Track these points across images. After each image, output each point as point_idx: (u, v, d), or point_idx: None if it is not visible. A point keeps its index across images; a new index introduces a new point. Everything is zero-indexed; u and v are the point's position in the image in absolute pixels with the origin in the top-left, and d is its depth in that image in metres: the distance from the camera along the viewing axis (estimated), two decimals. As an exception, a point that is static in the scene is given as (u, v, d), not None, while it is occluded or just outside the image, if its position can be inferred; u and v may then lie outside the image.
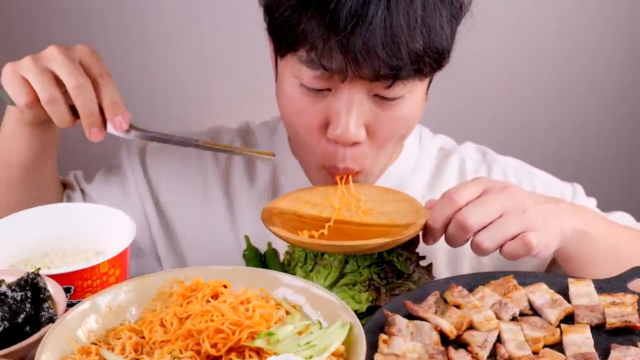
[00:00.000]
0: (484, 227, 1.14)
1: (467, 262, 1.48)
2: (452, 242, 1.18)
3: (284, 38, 1.24)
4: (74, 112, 1.23)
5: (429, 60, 1.20)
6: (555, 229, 1.19)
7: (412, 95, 1.26)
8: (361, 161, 1.29)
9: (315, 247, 1.18)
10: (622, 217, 1.50)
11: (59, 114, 1.22)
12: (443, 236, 1.20)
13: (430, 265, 1.26)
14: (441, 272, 1.46)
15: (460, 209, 1.15)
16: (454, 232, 1.16)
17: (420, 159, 1.53)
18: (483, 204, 1.15)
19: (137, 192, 1.51)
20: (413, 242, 1.24)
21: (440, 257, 1.47)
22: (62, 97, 1.21)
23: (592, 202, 1.54)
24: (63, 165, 1.47)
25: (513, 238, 1.14)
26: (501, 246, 1.15)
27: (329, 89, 1.24)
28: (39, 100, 1.21)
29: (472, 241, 1.16)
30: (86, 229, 1.26)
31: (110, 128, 1.24)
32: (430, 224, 1.18)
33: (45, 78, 1.20)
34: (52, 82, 1.20)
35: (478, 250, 1.15)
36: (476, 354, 0.98)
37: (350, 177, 1.30)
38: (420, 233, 1.20)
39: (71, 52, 1.24)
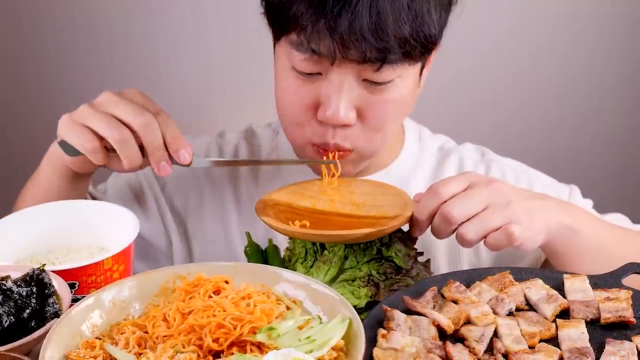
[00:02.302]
0: (467, 219, 1.16)
1: (465, 258, 1.50)
2: (437, 233, 1.20)
3: (277, 22, 1.27)
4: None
5: (417, 45, 1.22)
6: (540, 223, 1.21)
7: (402, 79, 1.27)
8: (353, 141, 1.31)
9: (303, 236, 1.20)
10: (617, 219, 1.51)
11: (130, 154, 1.23)
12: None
13: (428, 261, 1.27)
14: (441, 268, 1.48)
15: (445, 201, 1.17)
16: (439, 223, 1.18)
17: (420, 157, 1.54)
18: (467, 197, 1.17)
19: (153, 199, 1.54)
20: (412, 238, 1.25)
21: (440, 254, 1.48)
22: (132, 136, 1.22)
23: (588, 204, 1.55)
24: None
25: (496, 230, 1.16)
26: (485, 237, 1.17)
27: (320, 73, 1.26)
28: (103, 146, 1.23)
29: (456, 233, 1.18)
30: (90, 225, 1.28)
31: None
32: (416, 216, 1.20)
33: (110, 121, 1.22)
34: (119, 123, 1.22)
35: (462, 241, 1.17)
36: (473, 348, 0.99)
37: (336, 154, 1.32)
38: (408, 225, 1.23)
39: (125, 95, 1.26)
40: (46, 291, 1.04)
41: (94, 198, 1.52)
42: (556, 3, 2.53)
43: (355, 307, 1.10)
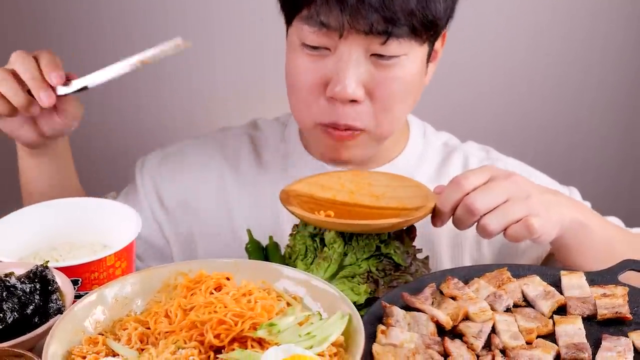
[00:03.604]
0: (489, 211, 1.18)
1: (467, 252, 1.51)
2: (459, 224, 1.22)
3: (290, 2, 1.31)
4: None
5: (423, 21, 1.26)
6: (556, 217, 1.23)
7: (408, 58, 1.30)
8: (363, 120, 1.33)
9: (331, 225, 1.20)
10: (613, 221, 1.53)
11: (9, 89, 1.27)
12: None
13: (427, 257, 1.28)
14: (443, 262, 1.49)
15: (468, 193, 1.19)
16: (461, 215, 1.20)
17: (425, 153, 1.56)
18: (489, 190, 1.19)
19: (147, 204, 1.57)
20: (411, 234, 1.27)
21: (443, 247, 1.50)
22: (10, 74, 1.27)
23: (587, 205, 1.57)
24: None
25: (517, 222, 1.18)
26: (505, 229, 1.19)
27: (328, 49, 1.29)
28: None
29: (478, 224, 1.20)
30: (93, 222, 1.28)
31: (59, 90, 1.30)
32: (439, 207, 1.22)
33: None
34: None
35: (484, 232, 1.19)
36: (471, 344, 1.00)
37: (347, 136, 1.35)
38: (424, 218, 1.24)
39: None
40: (49, 288, 1.05)
41: None
42: (552, 1, 2.53)
43: (354, 303, 1.11)
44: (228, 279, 1.06)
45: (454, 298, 1.10)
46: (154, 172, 1.58)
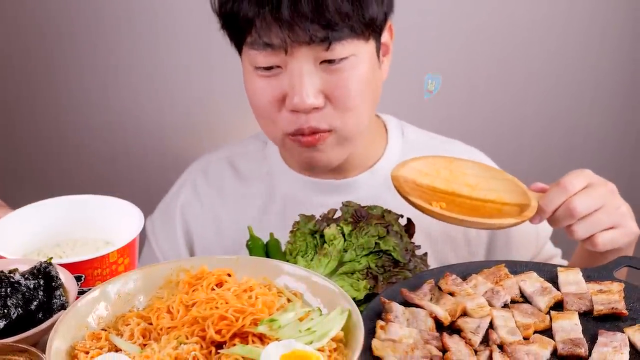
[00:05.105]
0: (582, 217, 1.23)
1: (451, 251, 1.52)
2: (555, 223, 1.27)
3: (233, 30, 1.36)
4: None
5: (360, 21, 1.30)
6: (635, 229, 1.28)
7: (357, 57, 1.33)
8: (328, 121, 1.36)
9: (451, 219, 1.23)
10: None
11: None
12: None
13: (425, 254, 1.28)
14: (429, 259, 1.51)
15: (571, 197, 1.24)
16: (563, 217, 1.25)
17: (405, 152, 1.55)
18: (590, 196, 1.24)
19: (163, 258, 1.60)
20: (410, 230, 1.28)
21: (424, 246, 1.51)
22: None
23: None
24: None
25: (603, 231, 1.24)
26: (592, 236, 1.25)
27: (279, 67, 1.33)
28: None
29: (567, 226, 1.25)
30: (96, 220, 1.30)
31: None
32: (542, 207, 1.26)
33: None
34: None
35: (572, 235, 1.25)
36: (469, 339, 1.01)
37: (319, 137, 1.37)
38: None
39: None
40: (53, 284, 1.06)
41: None
42: (548, 0, 2.53)
43: (354, 299, 1.12)
44: (229, 275, 1.07)
45: (452, 294, 1.11)
46: (159, 235, 1.61)
